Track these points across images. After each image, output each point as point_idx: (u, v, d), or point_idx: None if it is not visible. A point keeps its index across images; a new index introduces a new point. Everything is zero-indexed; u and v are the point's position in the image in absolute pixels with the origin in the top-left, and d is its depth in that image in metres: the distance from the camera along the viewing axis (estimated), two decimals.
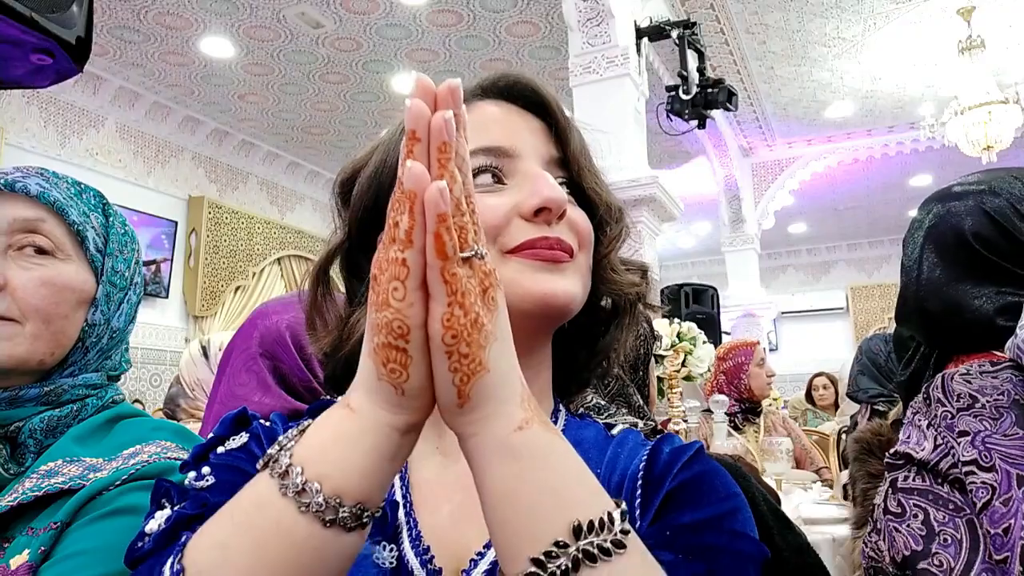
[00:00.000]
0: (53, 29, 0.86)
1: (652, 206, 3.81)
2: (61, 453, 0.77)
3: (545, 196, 0.57)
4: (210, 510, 0.51)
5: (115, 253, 0.88)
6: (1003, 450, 0.69)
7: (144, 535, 0.53)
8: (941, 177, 8.18)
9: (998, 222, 0.92)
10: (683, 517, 0.54)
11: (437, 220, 0.39)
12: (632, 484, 0.58)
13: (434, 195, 0.39)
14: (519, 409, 0.43)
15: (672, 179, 6.80)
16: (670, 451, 0.60)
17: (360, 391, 0.45)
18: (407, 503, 0.59)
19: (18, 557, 0.68)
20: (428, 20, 5.15)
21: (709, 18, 5.28)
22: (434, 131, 0.40)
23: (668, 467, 0.58)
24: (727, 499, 0.56)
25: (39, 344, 0.80)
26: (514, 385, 0.43)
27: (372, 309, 0.42)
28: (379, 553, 0.55)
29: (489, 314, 0.42)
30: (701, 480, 0.57)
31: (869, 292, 11.18)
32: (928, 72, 6.20)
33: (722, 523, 0.54)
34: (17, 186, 0.81)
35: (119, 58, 5.57)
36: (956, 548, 0.67)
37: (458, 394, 0.42)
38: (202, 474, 0.57)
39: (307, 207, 8.15)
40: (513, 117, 0.64)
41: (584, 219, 0.63)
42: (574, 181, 0.64)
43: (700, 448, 0.60)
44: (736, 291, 7.62)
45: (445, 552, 0.57)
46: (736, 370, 3.20)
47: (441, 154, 0.40)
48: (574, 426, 0.66)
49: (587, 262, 0.62)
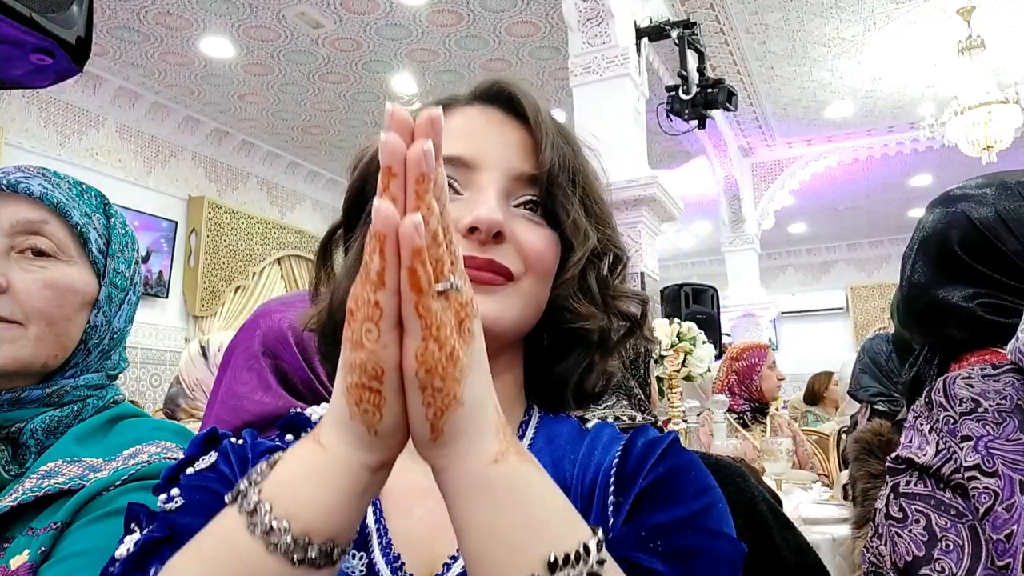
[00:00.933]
0: (53, 29, 0.86)
1: (652, 206, 3.81)
2: (61, 453, 0.77)
3: (475, 216, 0.57)
4: (178, 532, 0.51)
5: (116, 254, 0.88)
6: (1006, 455, 0.68)
7: (114, 560, 0.53)
8: (941, 177, 8.18)
9: (982, 232, 0.95)
10: (658, 516, 0.53)
11: (412, 255, 0.38)
12: (605, 481, 0.58)
13: (409, 231, 0.37)
14: (494, 441, 0.42)
15: (672, 179, 6.79)
16: (643, 444, 0.59)
17: (331, 428, 0.44)
18: (376, 510, 0.59)
19: (18, 557, 0.68)
20: (428, 20, 5.14)
21: (709, 18, 5.27)
22: (411, 163, 0.38)
23: (641, 462, 0.57)
24: (701, 495, 0.55)
25: (43, 346, 0.80)
26: (488, 416, 0.43)
27: (346, 347, 0.41)
28: (348, 562, 0.55)
29: (465, 346, 0.41)
30: (675, 476, 0.56)
31: (869, 292, 11.18)
32: (928, 72, 6.19)
33: (697, 521, 0.53)
34: (20, 187, 0.81)
35: (119, 58, 5.57)
36: (958, 554, 0.67)
37: (431, 428, 0.41)
38: (171, 496, 0.57)
39: (307, 207, 8.15)
40: (492, 127, 0.63)
41: (540, 240, 0.61)
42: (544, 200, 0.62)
43: (674, 440, 0.59)
44: (736, 291, 7.62)
45: (416, 559, 0.56)
46: (748, 371, 3.25)
47: (419, 186, 0.38)
48: (548, 423, 0.65)
49: (534, 286, 0.61)
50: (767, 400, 3.27)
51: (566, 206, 0.62)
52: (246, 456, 0.61)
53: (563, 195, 0.62)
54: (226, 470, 0.59)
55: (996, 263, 0.94)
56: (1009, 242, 0.93)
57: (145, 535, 0.53)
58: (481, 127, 0.63)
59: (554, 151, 0.62)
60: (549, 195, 0.62)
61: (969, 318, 0.95)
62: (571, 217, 0.62)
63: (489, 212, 0.57)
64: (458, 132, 0.62)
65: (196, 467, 0.60)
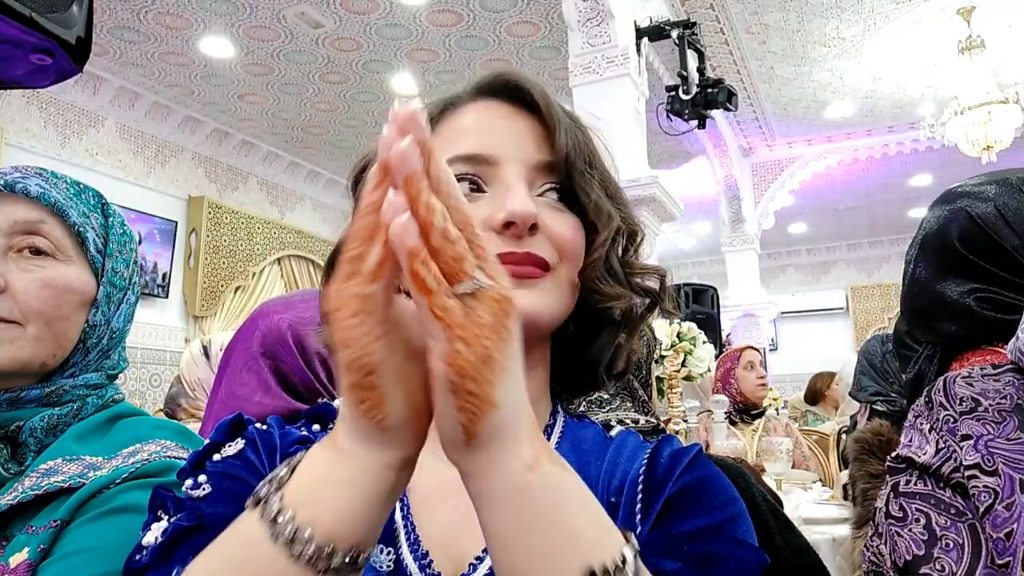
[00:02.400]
0: (53, 29, 0.86)
1: (652, 206, 3.81)
2: (61, 452, 0.77)
3: (509, 210, 0.56)
4: (207, 521, 0.51)
5: (115, 254, 0.88)
6: (1006, 454, 0.68)
7: (141, 547, 0.52)
8: (941, 177, 8.18)
9: (982, 227, 0.96)
10: (684, 524, 0.54)
11: (409, 258, 0.37)
12: (633, 489, 0.58)
13: (397, 232, 0.37)
14: (528, 447, 0.41)
15: (672, 179, 6.79)
16: (670, 454, 0.59)
17: (344, 430, 0.42)
18: (404, 506, 0.59)
19: (18, 555, 0.68)
20: (428, 20, 5.14)
21: (709, 18, 5.27)
22: (394, 166, 0.37)
23: (668, 472, 0.57)
24: (727, 505, 0.56)
25: (41, 346, 0.80)
26: (522, 420, 0.41)
27: (336, 348, 0.40)
28: (376, 557, 0.55)
29: (500, 345, 0.39)
30: (701, 485, 0.56)
31: (869, 292, 11.17)
32: (928, 72, 6.19)
33: (723, 530, 0.54)
34: (17, 187, 0.81)
35: (119, 58, 5.57)
36: (958, 553, 0.67)
37: (465, 432, 0.39)
38: (199, 482, 0.56)
39: (307, 207, 8.14)
40: (500, 120, 0.62)
41: (569, 228, 0.61)
42: (564, 185, 0.62)
43: (699, 451, 0.60)
44: (736, 291, 7.62)
45: (443, 556, 0.56)
46: (726, 374, 3.36)
47: (409, 187, 0.37)
48: (573, 427, 0.66)
49: (570, 274, 0.60)
50: (751, 401, 3.32)
51: (587, 190, 0.62)
52: (274, 444, 0.60)
53: (582, 179, 0.62)
54: (253, 458, 0.59)
55: (995, 258, 0.95)
56: (1008, 237, 0.94)
57: (173, 523, 0.52)
58: (491, 122, 0.62)
59: (568, 136, 0.61)
60: (570, 181, 0.61)
61: (966, 313, 0.96)
62: (593, 200, 0.62)
63: (523, 205, 0.56)
64: (469, 129, 0.61)
65: (223, 453, 0.59)
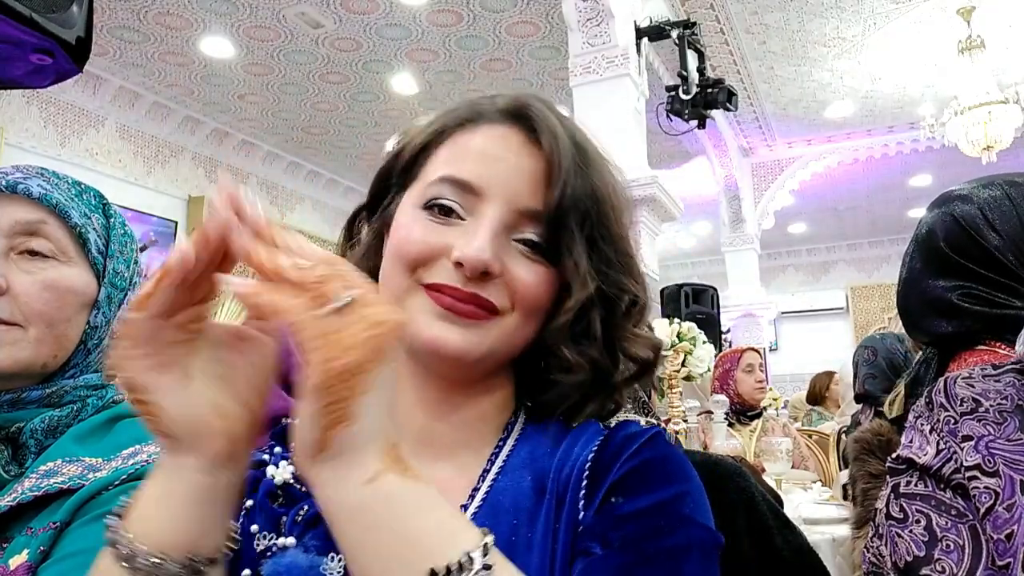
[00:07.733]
0: (53, 29, 0.86)
1: (652, 206, 3.81)
2: (60, 453, 0.77)
3: (461, 253, 0.55)
4: None
5: (116, 254, 0.88)
6: (1007, 455, 0.68)
7: None
8: (941, 177, 8.18)
9: (965, 228, 1.00)
10: (627, 506, 0.53)
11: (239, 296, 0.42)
12: (579, 473, 0.57)
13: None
14: (375, 461, 0.43)
15: (672, 179, 6.78)
16: (623, 437, 0.58)
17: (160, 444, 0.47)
18: None
19: (17, 557, 0.68)
20: (428, 20, 5.14)
21: (709, 18, 5.27)
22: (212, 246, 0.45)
23: (617, 455, 0.57)
24: (675, 483, 0.55)
25: (43, 348, 0.80)
26: (376, 437, 0.43)
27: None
28: (327, 565, 0.55)
29: (373, 362, 0.41)
30: (649, 465, 0.56)
31: (869, 292, 11.18)
32: (928, 72, 6.19)
33: (666, 508, 0.53)
34: (19, 188, 0.80)
35: (119, 58, 5.57)
36: (959, 554, 0.67)
37: (320, 440, 0.42)
38: None
39: (307, 207, 8.14)
40: (507, 153, 0.60)
41: (532, 278, 0.58)
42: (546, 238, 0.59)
43: (656, 434, 0.59)
44: (736, 291, 7.62)
45: None
46: (725, 376, 3.38)
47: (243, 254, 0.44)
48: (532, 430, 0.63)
49: (519, 323, 0.58)
50: (749, 403, 3.34)
51: (570, 248, 0.59)
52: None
53: (568, 236, 0.59)
54: None
55: (978, 258, 0.99)
56: (990, 237, 0.98)
57: None
58: (497, 151, 0.60)
59: (567, 187, 0.58)
60: (552, 235, 0.59)
61: (949, 308, 1.00)
62: (572, 260, 0.59)
63: (476, 252, 0.55)
64: (473, 154, 0.60)
65: None
